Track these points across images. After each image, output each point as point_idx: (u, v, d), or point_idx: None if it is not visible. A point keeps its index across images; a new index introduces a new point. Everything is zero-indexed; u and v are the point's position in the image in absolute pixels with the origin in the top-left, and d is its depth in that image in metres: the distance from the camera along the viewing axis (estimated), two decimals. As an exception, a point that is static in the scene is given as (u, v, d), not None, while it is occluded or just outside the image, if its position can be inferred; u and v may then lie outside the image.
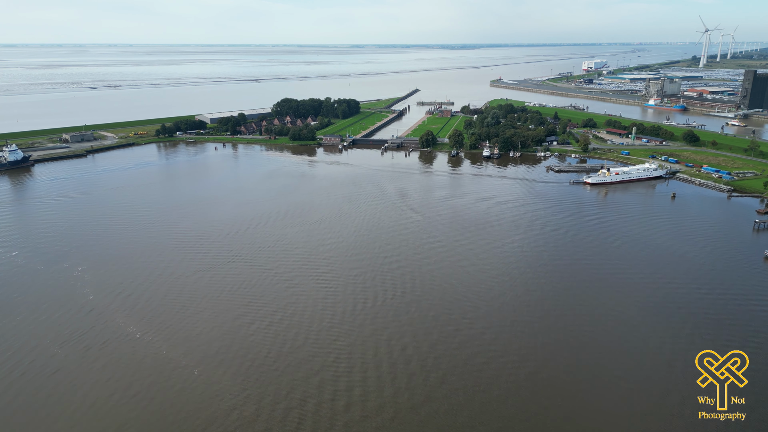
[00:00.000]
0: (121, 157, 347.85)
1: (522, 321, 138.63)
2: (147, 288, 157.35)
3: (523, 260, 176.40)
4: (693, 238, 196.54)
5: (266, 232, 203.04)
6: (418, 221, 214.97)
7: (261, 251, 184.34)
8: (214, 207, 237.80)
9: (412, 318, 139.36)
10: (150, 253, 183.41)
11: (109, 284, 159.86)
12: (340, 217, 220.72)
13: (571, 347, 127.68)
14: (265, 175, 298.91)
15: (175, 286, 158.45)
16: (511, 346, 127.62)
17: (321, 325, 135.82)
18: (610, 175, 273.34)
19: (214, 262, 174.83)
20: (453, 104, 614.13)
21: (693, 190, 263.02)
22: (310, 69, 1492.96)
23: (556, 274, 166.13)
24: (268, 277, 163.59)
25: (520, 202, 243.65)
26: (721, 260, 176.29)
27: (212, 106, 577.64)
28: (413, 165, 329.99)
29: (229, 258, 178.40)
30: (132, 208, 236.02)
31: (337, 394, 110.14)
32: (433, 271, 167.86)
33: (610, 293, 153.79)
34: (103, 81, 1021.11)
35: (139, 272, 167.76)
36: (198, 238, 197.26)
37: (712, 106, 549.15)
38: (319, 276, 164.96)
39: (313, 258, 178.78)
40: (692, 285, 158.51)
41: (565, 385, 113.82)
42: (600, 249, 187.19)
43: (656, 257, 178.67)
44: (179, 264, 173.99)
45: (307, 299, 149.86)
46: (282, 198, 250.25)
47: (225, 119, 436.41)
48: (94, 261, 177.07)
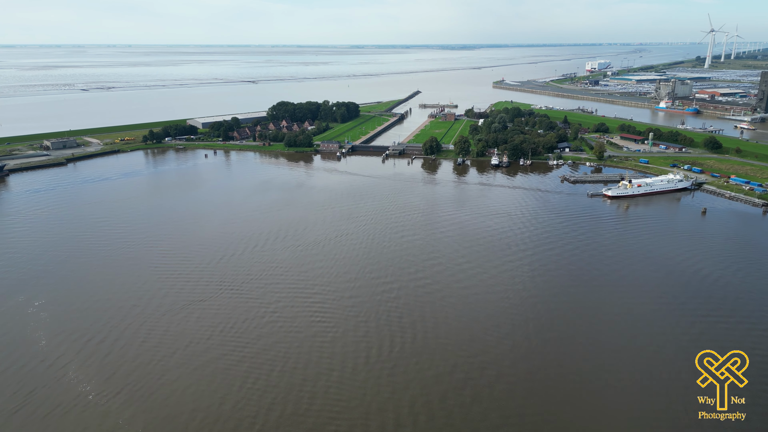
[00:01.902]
0: (104, 166, 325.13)
1: (535, 365, 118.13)
2: (113, 330, 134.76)
3: (535, 288, 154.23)
4: (732, 261, 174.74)
5: (256, 257, 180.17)
6: (421, 243, 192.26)
7: (249, 282, 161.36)
8: (200, 224, 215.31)
9: (419, 368, 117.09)
10: (122, 282, 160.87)
11: (69, 324, 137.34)
12: (338, 238, 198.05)
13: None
14: (257, 187, 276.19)
15: (146, 327, 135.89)
16: (528, 400, 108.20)
17: (316, 387, 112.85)
18: (632, 187, 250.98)
19: (195, 297, 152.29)
20: (456, 107, 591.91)
21: (724, 205, 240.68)
22: (309, 70, 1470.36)
23: (575, 308, 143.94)
24: (257, 317, 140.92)
25: (533, 216, 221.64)
26: (759, 289, 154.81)
27: (206, 109, 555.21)
28: (416, 174, 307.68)
29: (212, 291, 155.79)
30: (108, 226, 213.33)
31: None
32: (441, 308, 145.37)
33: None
34: (97, 83, 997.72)
35: (106, 308, 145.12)
36: (179, 264, 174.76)
37: (726, 108, 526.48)
38: (315, 318, 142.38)
39: (308, 291, 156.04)
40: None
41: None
42: (625, 274, 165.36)
43: (690, 284, 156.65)
44: (155, 297, 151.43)
45: (300, 347, 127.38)
46: (274, 214, 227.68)
47: (217, 124, 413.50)
48: (56, 293, 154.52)
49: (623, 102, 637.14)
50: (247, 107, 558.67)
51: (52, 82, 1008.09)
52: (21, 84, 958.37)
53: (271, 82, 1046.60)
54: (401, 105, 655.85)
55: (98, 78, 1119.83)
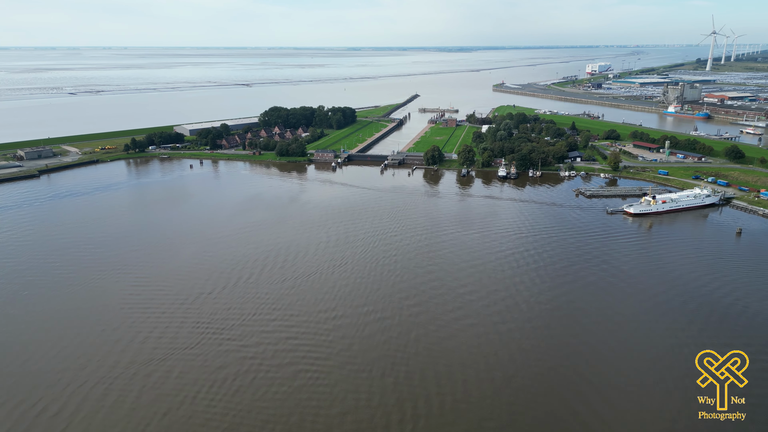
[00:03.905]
0: (81, 178, 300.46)
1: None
2: (71, 396, 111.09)
3: (553, 330, 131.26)
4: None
5: (239, 293, 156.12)
6: (425, 273, 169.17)
7: (231, 329, 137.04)
8: (178, 249, 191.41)
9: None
10: (77, 330, 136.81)
11: (3, 390, 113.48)
12: (332, 268, 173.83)
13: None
14: (244, 203, 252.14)
15: (98, 393, 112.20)
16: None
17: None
18: (656, 203, 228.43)
19: (170, 346, 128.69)
20: (457, 111, 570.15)
21: (759, 224, 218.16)
22: (305, 72, 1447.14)
23: (594, 351, 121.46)
24: (243, 372, 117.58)
25: (548, 238, 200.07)
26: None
27: (196, 114, 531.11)
28: (418, 187, 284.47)
29: (189, 336, 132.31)
30: (71, 254, 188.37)
31: None
32: (445, 364, 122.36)
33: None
34: (86, 86, 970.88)
35: (49, 369, 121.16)
36: (151, 300, 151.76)
37: (738, 113, 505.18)
38: (310, 383, 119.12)
39: (298, 342, 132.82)
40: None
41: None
42: (657, 311, 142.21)
43: (735, 323, 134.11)
44: (113, 350, 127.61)
45: (289, 419, 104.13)
46: (264, 236, 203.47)
47: (205, 131, 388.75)
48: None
49: (629, 106, 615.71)
50: (239, 112, 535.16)
51: (40, 85, 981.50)
52: (8, 88, 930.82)
53: (266, 85, 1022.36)
54: (400, 109, 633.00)
55: (89, 81, 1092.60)
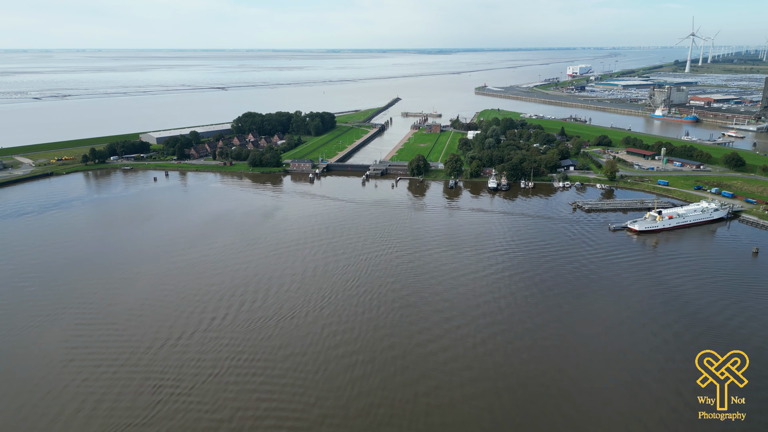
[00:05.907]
0: (29, 193, 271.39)
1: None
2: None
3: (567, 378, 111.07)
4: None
5: (197, 343, 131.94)
6: (416, 311, 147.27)
7: (189, 394, 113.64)
8: (128, 282, 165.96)
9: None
10: (4, 402, 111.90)
11: None
12: (309, 306, 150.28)
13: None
14: (210, 222, 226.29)
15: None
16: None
17: None
18: (662, 219, 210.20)
19: (114, 420, 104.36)
20: (441, 116, 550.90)
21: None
22: (283, 75, 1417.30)
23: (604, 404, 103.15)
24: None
25: (545, 258, 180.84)
26: None
27: (165, 120, 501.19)
28: (403, 200, 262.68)
29: (140, 401, 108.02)
30: (7, 288, 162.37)
31: None
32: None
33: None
34: (53, 90, 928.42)
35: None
36: (95, 350, 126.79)
37: (728, 117, 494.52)
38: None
39: (278, 414, 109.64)
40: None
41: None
42: (673, 346, 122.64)
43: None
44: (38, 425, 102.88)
45: None
46: (228, 265, 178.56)
47: (173, 139, 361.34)
48: None
49: (615, 109, 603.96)
50: (213, 118, 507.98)
51: (4, 90, 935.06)
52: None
53: (242, 89, 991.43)
54: (381, 114, 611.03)
55: (56, 85, 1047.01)
